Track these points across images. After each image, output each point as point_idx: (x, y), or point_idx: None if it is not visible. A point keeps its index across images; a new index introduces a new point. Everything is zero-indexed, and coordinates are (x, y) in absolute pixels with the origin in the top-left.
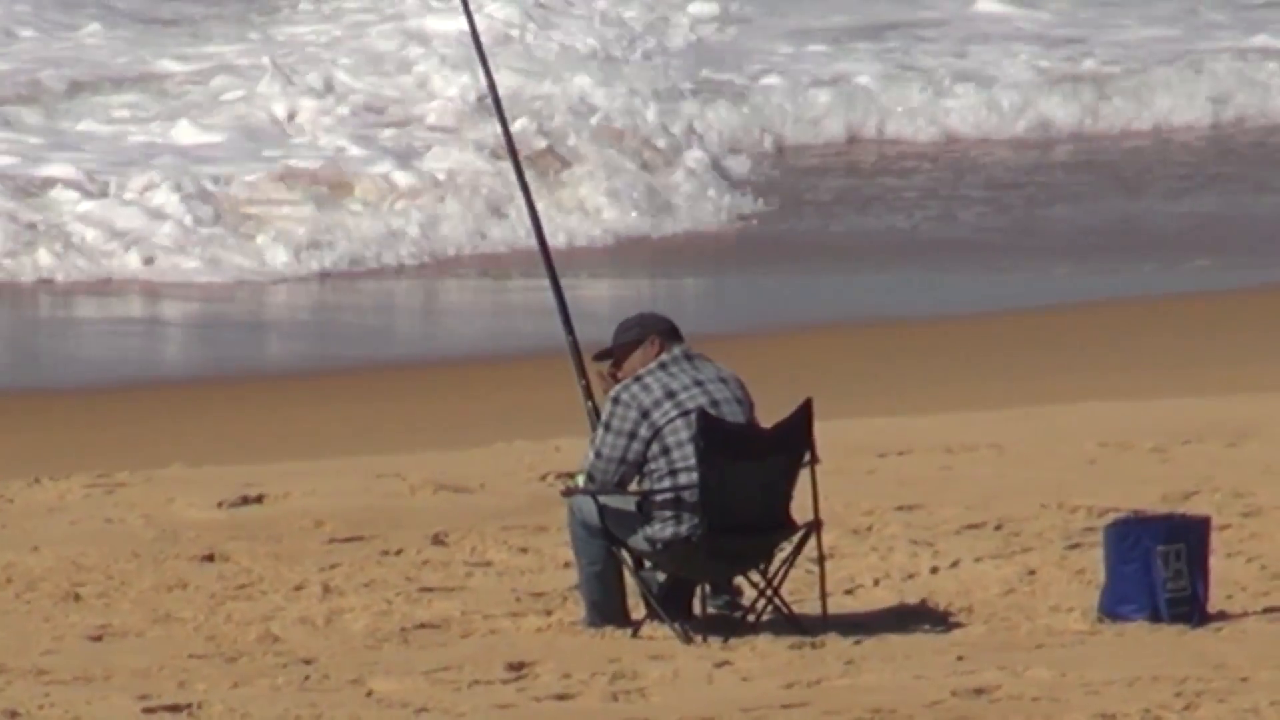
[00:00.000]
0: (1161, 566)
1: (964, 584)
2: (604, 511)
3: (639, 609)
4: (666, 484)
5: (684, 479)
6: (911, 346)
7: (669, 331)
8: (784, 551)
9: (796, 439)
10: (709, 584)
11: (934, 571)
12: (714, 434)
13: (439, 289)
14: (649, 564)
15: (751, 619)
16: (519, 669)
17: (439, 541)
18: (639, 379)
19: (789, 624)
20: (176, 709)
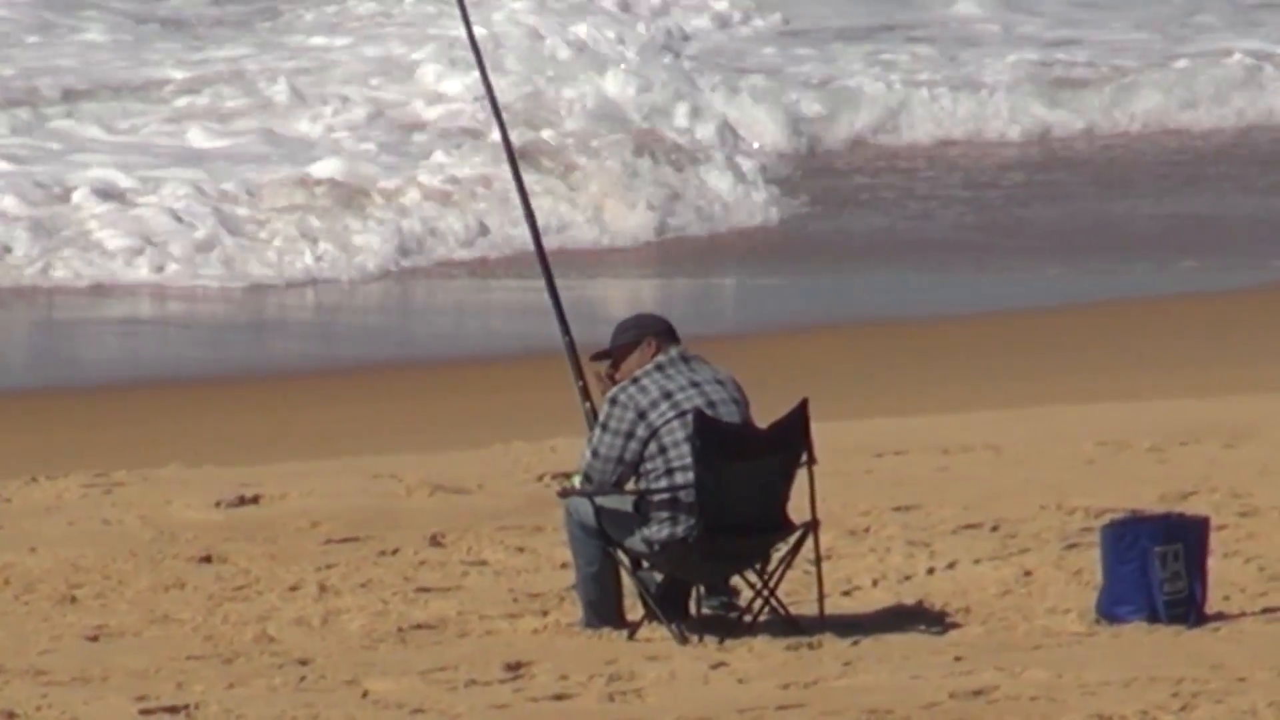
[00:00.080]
0: (1159, 567)
1: (961, 585)
2: (601, 512)
3: (636, 610)
4: (663, 484)
5: (680, 479)
6: (909, 347)
7: (666, 333)
8: (781, 552)
9: (793, 439)
10: (706, 585)
11: (931, 572)
12: (711, 434)
13: (439, 290)
14: (646, 565)
15: (748, 620)
16: (516, 669)
17: (436, 542)
18: (636, 380)
19: (786, 625)
20: (174, 710)
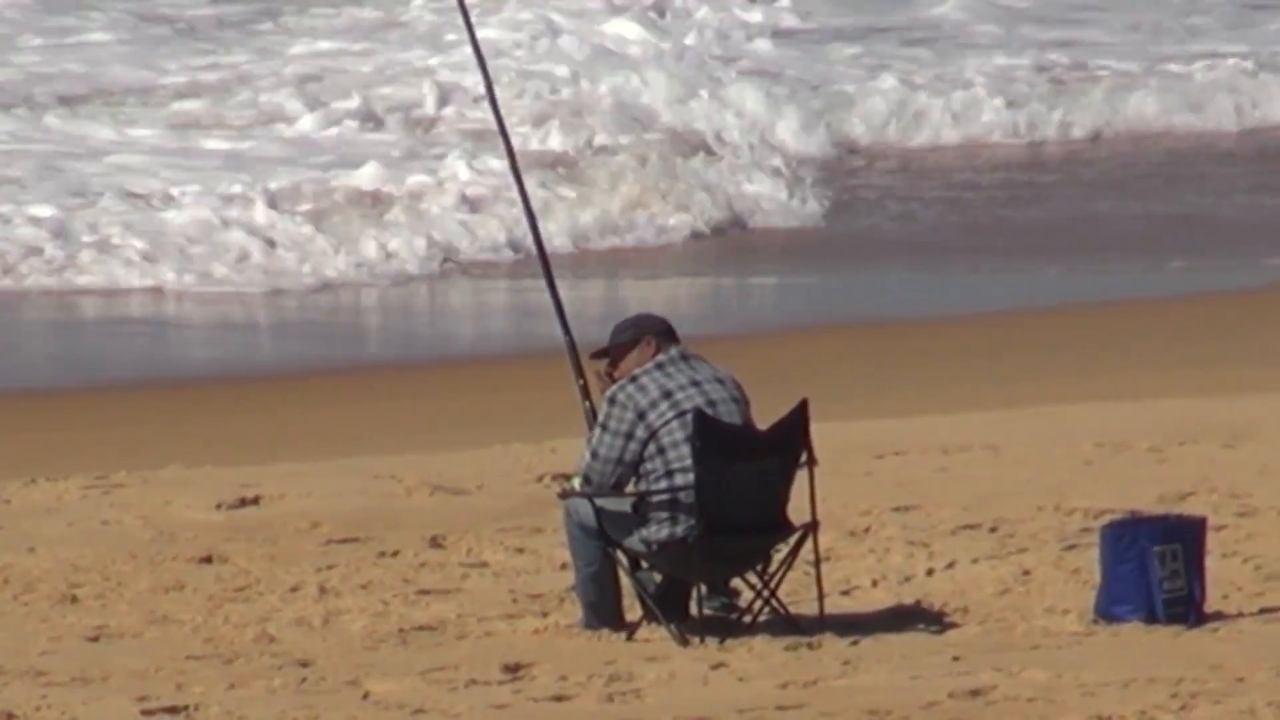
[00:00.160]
0: (1157, 567)
1: (960, 585)
2: (600, 513)
3: (635, 610)
4: (663, 485)
5: (680, 480)
6: (908, 348)
7: (665, 332)
8: (781, 553)
9: (793, 440)
10: (705, 585)
11: (930, 573)
12: (710, 435)
13: (438, 291)
14: (645, 565)
15: (748, 620)
16: (515, 670)
17: (436, 543)
18: (635, 380)
19: (786, 625)
20: (174, 710)
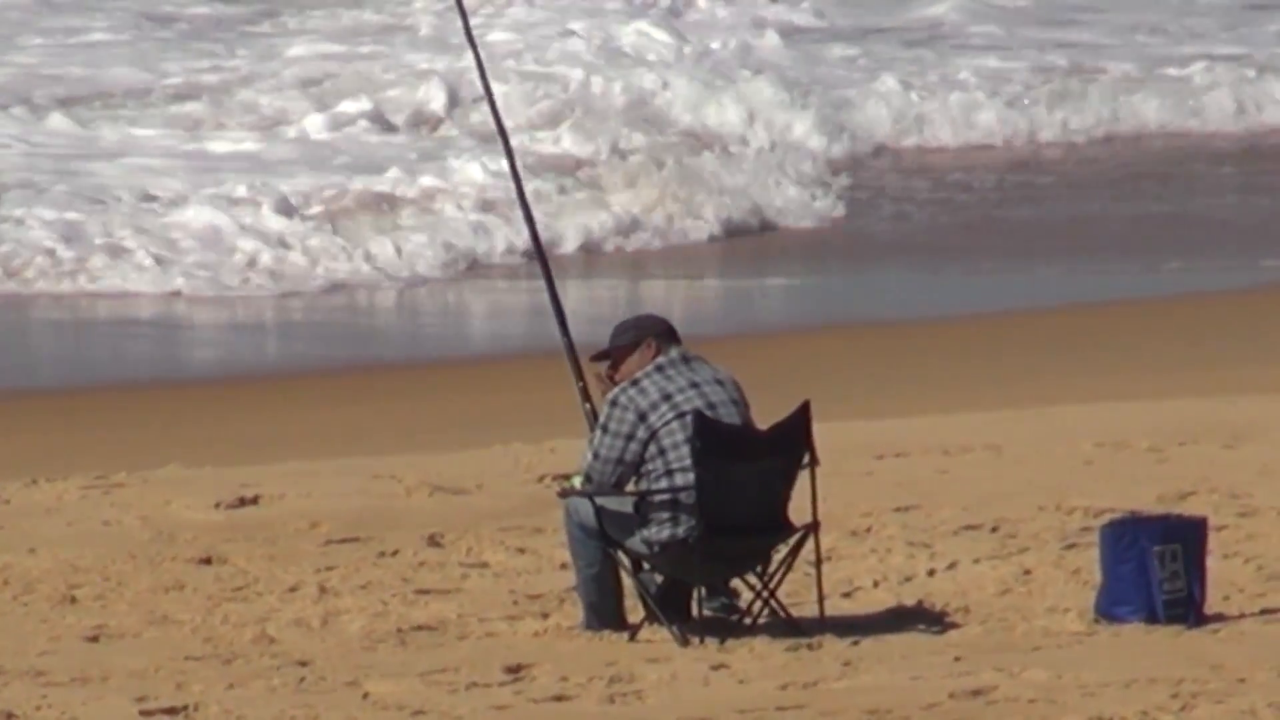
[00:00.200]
0: (1158, 567)
1: (961, 585)
2: (601, 513)
3: (636, 611)
4: (663, 484)
5: (680, 480)
6: (909, 348)
7: (666, 333)
8: (781, 553)
9: (794, 441)
10: (706, 586)
11: (931, 573)
12: (711, 436)
13: (442, 293)
14: (646, 566)
15: (749, 621)
16: (516, 671)
17: (435, 543)
18: (636, 382)
19: (786, 626)
20: (173, 711)
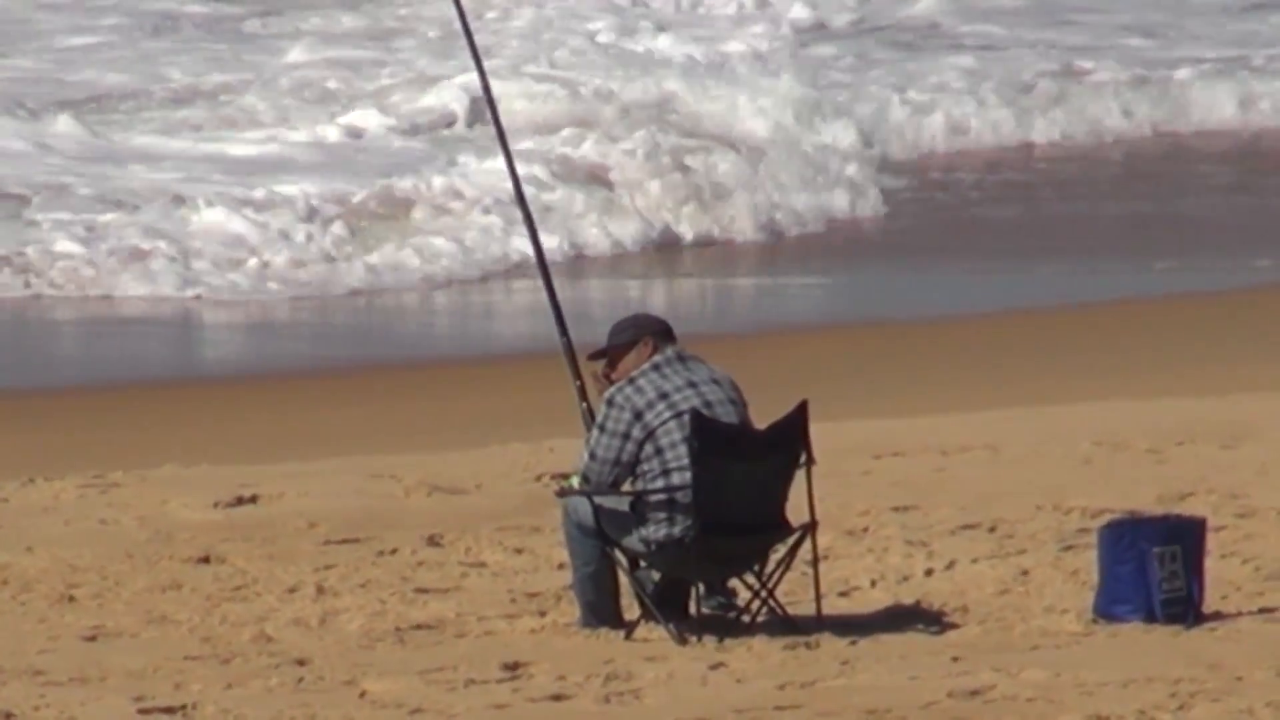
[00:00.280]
0: (1156, 567)
1: (959, 585)
2: (598, 512)
3: (633, 610)
4: (660, 484)
5: (677, 479)
6: (906, 348)
7: (663, 333)
8: (779, 553)
9: (791, 440)
10: (703, 585)
11: (929, 573)
12: (708, 435)
13: (439, 294)
14: (643, 565)
15: (746, 620)
16: (514, 670)
17: (434, 542)
18: (632, 381)
19: (784, 625)
20: (171, 710)
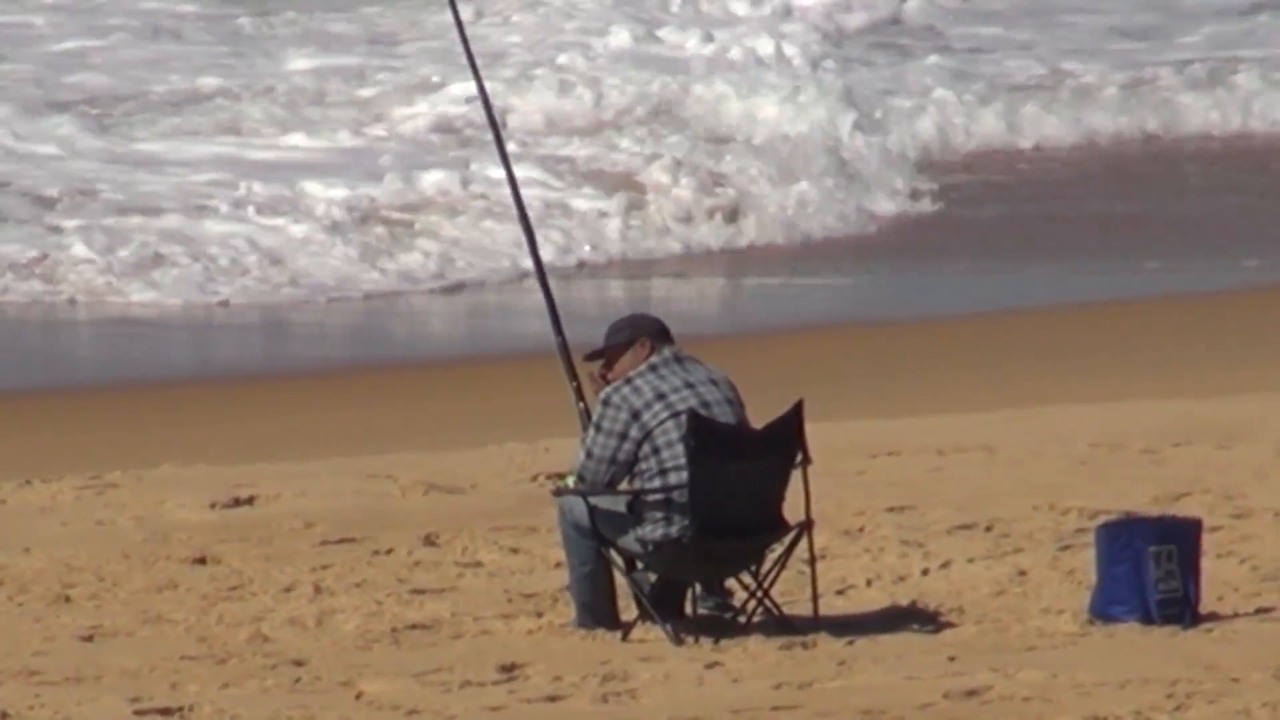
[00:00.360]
0: (1153, 567)
1: (955, 585)
2: (594, 512)
3: (630, 610)
4: (657, 484)
5: (674, 479)
6: (902, 348)
7: (660, 333)
8: (775, 552)
9: (788, 440)
10: (700, 585)
11: (925, 573)
12: (705, 435)
13: (439, 295)
14: (640, 565)
15: (742, 620)
16: (510, 670)
17: (430, 542)
18: (629, 381)
19: (780, 625)
20: (167, 711)
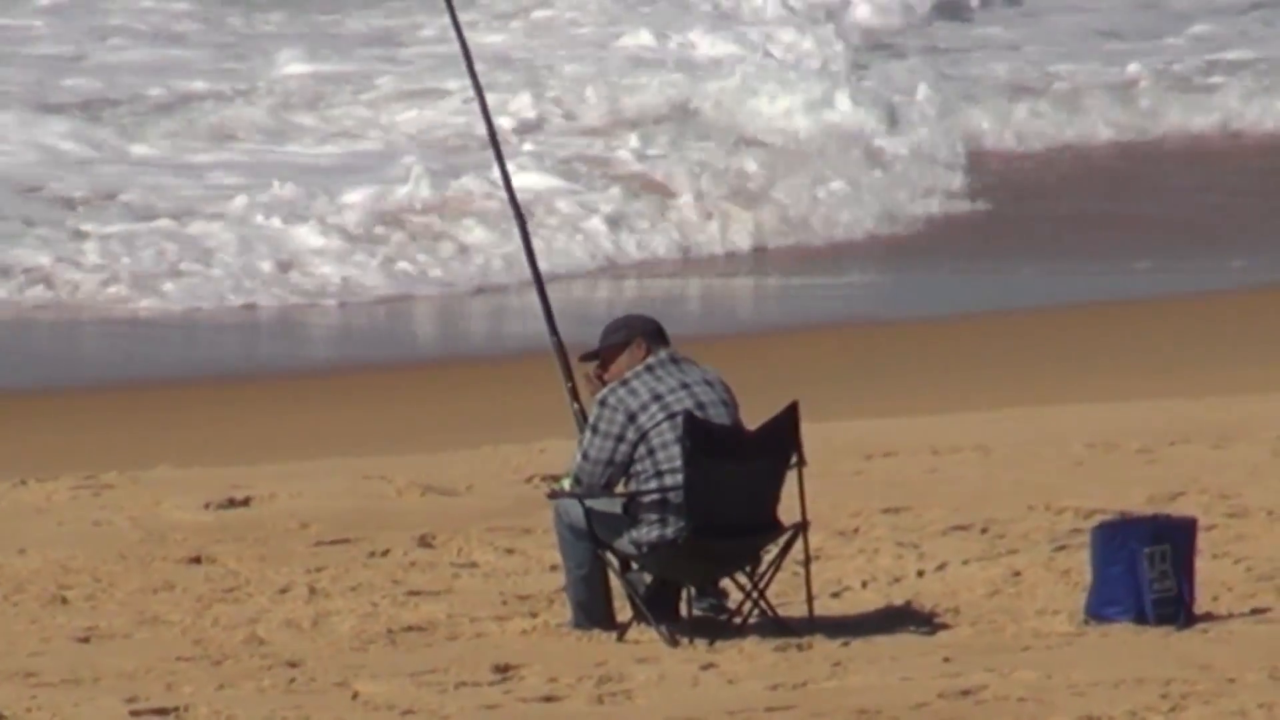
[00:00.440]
0: (1147, 568)
1: (950, 586)
2: (590, 514)
3: (625, 611)
4: (652, 485)
5: (670, 480)
6: (898, 348)
7: (655, 334)
8: (771, 553)
9: (783, 441)
10: (695, 586)
11: (920, 573)
12: (701, 436)
13: (439, 296)
14: (635, 566)
15: (738, 621)
16: (505, 671)
17: (425, 543)
18: (625, 382)
19: (775, 626)
20: (163, 711)
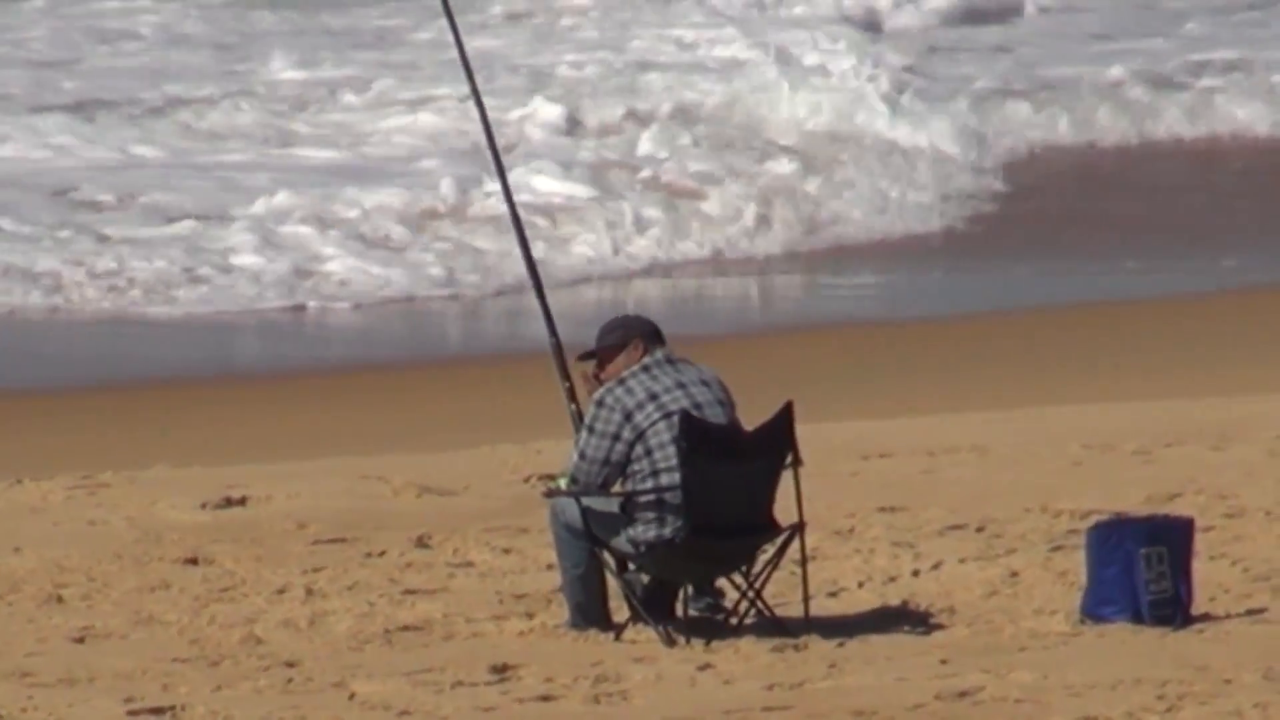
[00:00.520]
0: (1144, 568)
1: (947, 586)
2: (587, 513)
3: (622, 611)
4: (649, 485)
5: (666, 480)
6: (895, 349)
7: (652, 334)
8: (767, 553)
9: (779, 441)
10: (692, 586)
11: (916, 574)
12: (697, 436)
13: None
14: (632, 566)
15: (734, 621)
16: (502, 671)
17: (422, 543)
18: (622, 382)
19: (771, 626)
20: (160, 711)
